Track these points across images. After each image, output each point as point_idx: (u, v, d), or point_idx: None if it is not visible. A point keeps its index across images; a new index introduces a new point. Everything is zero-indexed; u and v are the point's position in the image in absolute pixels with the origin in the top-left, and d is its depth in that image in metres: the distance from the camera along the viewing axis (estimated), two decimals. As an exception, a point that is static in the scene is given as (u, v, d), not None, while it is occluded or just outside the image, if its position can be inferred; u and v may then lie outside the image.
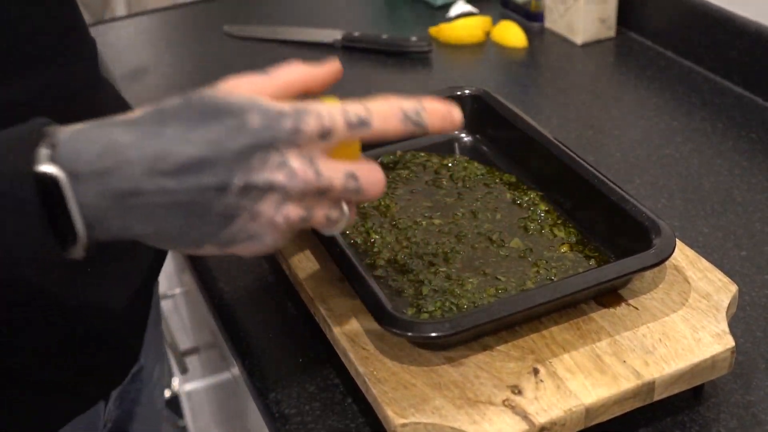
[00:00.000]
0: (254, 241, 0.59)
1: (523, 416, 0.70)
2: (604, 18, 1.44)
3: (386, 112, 0.60)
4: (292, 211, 0.58)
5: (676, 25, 1.38)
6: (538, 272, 0.84)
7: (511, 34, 1.46)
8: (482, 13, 1.54)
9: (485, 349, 0.76)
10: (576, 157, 0.91)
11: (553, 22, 1.49)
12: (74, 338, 0.77)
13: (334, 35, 1.47)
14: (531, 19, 1.52)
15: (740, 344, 0.85)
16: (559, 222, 0.90)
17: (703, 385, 0.79)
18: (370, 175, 0.60)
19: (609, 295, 0.80)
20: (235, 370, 1.11)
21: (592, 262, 0.85)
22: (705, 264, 0.84)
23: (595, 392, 0.72)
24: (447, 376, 0.74)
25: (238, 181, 0.55)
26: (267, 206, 0.57)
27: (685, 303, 0.79)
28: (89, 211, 0.54)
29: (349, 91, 1.36)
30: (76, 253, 0.55)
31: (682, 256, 0.84)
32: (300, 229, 0.61)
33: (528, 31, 1.48)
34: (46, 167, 0.53)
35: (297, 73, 0.61)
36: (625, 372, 0.73)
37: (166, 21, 1.64)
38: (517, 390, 0.72)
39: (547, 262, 0.85)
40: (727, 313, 0.79)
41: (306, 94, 0.62)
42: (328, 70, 0.63)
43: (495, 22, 1.51)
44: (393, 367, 0.74)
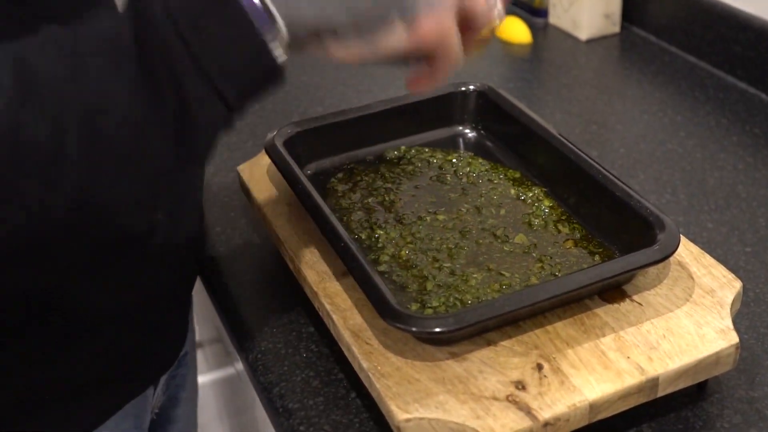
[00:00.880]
0: (437, 8, 0.62)
1: (527, 412, 0.70)
2: (609, 14, 1.44)
3: None
4: None
5: (680, 21, 1.38)
6: (542, 268, 0.84)
7: (515, 30, 1.46)
8: (486, 8, 1.54)
9: (489, 344, 0.76)
10: (580, 153, 0.91)
11: (558, 17, 1.49)
12: (128, 321, 0.79)
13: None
14: (535, 14, 1.52)
15: (744, 340, 0.85)
16: (564, 218, 0.90)
17: (707, 381, 0.79)
18: None
19: (613, 291, 0.80)
20: (239, 365, 1.11)
21: (597, 257, 0.85)
22: (709, 260, 0.84)
23: (599, 388, 0.72)
24: (451, 372, 0.74)
25: None
26: None
27: (689, 299, 0.79)
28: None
29: (353, 85, 1.36)
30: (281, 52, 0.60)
31: (687, 251, 0.84)
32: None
33: (532, 27, 1.48)
34: None
35: None
36: (629, 368, 0.73)
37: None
38: (521, 385, 0.72)
39: (551, 258, 0.85)
40: (731, 309, 0.79)
41: None
42: None
43: (499, 18, 1.50)
44: (397, 362, 0.74)
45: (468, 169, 0.97)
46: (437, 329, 0.72)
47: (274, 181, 0.97)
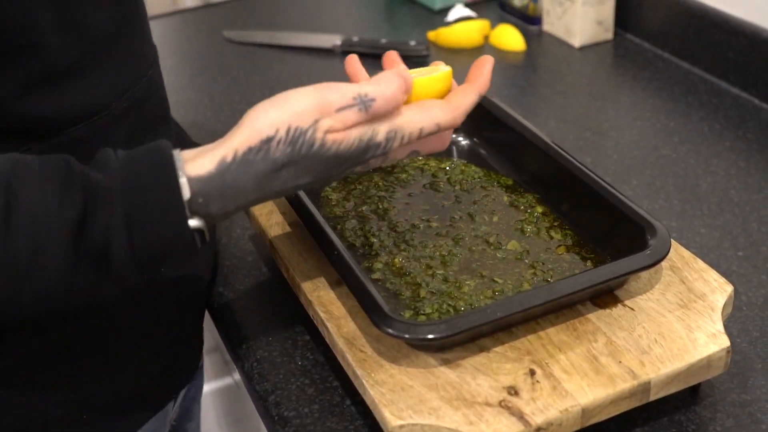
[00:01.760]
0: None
1: (520, 417, 0.70)
2: (602, 20, 1.45)
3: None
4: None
5: (673, 27, 1.38)
6: (534, 274, 0.84)
7: (509, 38, 1.47)
8: (480, 16, 1.55)
9: (482, 350, 0.76)
10: (572, 160, 0.91)
11: (551, 25, 1.50)
12: (155, 333, 0.82)
13: (334, 40, 1.48)
14: (529, 22, 1.53)
15: (736, 344, 0.85)
16: (556, 224, 0.90)
17: (700, 385, 0.80)
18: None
19: (605, 296, 0.81)
20: (236, 374, 1.12)
21: (589, 263, 0.85)
22: (701, 264, 0.84)
23: (592, 392, 0.72)
24: (444, 378, 0.74)
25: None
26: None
27: (681, 303, 0.80)
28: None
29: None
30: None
31: (678, 256, 0.85)
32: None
33: (526, 35, 1.49)
34: (193, 222, 0.64)
35: None
36: (621, 372, 0.74)
37: (167, 26, 1.64)
38: (513, 391, 0.73)
39: (543, 264, 0.85)
40: (722, 313, 0.79)
41: None
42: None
43: (493, 26, 1.51)
44: (390, 369, 0.75)
45: (461, 177, 0.98)
46: (430, 336, 0.73)
47: (269, 191, 0.97)
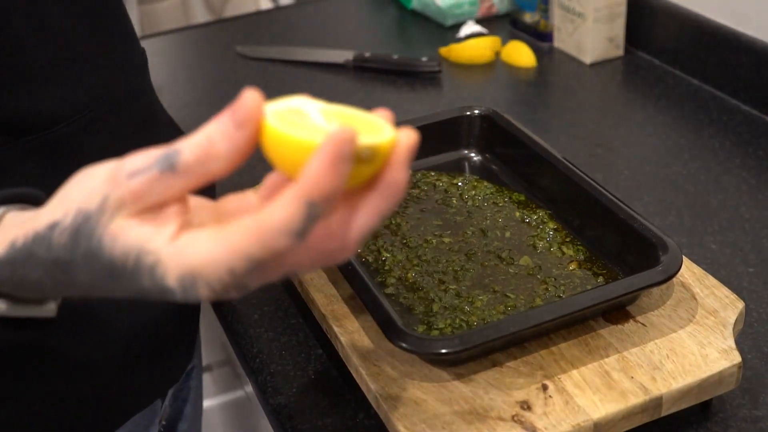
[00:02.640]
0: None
1: (532, 431, 0.71)
2: (612, 37, 1.46)
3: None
4: None
5: (684, 44, 1.39)
6: (546, 289, 0.85)
7: (520, 54, 1.48)
8: (492, 33, 1.55)
9: (495, 365, 0.77)
10: (584, 176, 0.92)
11: (562, 41, 1.51)
12: (139, 332, 0.82)
13: (346, 55, 1.49)
14: (540, 38, 1.54)
15: (748, 360, 0.86)
16: (568, 240, 0.91)
17: (711, 400, 0.80)
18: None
19: (617, 312, 0.81)
20: (249, 387, 1.12)
21: (600, 279, 0.86)
22: (712, 281, 0.85)
23: (604, 408, 0.73)
24: (457, 392, 0.75)
25: None
26: None
27: (693, 319, 0.80)
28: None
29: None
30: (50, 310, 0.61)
31: (689, 272, 0.85)
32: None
33: (537, 51, 1.50)
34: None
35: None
36: (633, 387, 0.74)
37: (179, 42, 1.66)
38: (526, 405, 0.73)
39: (555, 280, 0.86)
40: (734, 329, 0.80)
41: None
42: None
43: (504, 42, 1.52)
44: (404, 383, 0.75)
45: (473, 193, 0.99)
46: (443, 350, 0.73)
47: (283, 205, 0.98)
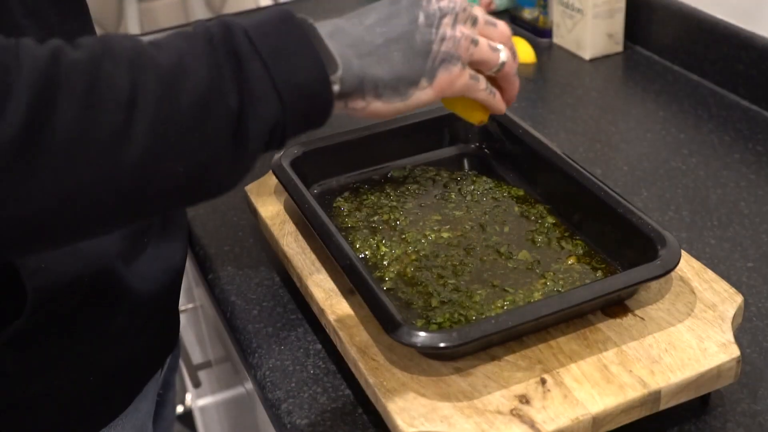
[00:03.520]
0: (450, 65, 0.72)
1: (531, 425, 0.71)
2: (612, 33, 1.45)
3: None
4: (464, 29, 0.73)
5: (683, 40, 1.39)
6: (545, 284, 0.85)
7: (519, 50, 1.47)
8: (491, 29, 1.55)
9: (493, 359, 0.77)
10: (583, 171, 0.92)
11: (561, 37, 1.51)
12: (145, 302, 0.86)
13: (345, 52, 1.48)
14: (539, 35, 1.53)
15: (746, 354, 0.86)
16: (567, 234, 0.91)
17: (710, 394, 0.80)
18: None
19: (615, 306, 0.81)
20: (248, 383, 1.12)
21: (599, 273, 0.86)
22: (711, 275, 0.85)
23: (602, 401, 0.73)
24: (455, 386, 0.75)
25: (420, 15, 0.72)
26: (446, 27, 0.72)
27: (691, 313, 0.80)
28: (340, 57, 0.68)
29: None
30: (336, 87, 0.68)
31: (688, 267, 0.85)
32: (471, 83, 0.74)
33: (536, 47, 1.50)
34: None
35: None
36: (632, 381, 0.74)
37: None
38: (524, 399, 0.73)
39: (554, 274, 0.86)
40: (732, 324, 0.80)
41: None
42: None
43: (503, 38, 1.52)
44: (402, 378, 0.75)
45: (472, 188, 0.99)
46: (442, 345, 0.73)
47: (281, 201, 0.98)
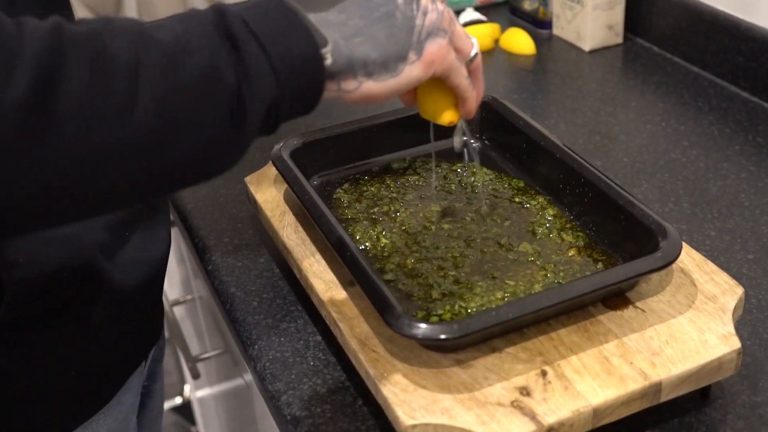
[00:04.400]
0: (437, 37, 0.75)
1: (532, 417, 0.71)
2: (612, 24, 1.45)
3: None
4: (441, 6, 0.76)
5: (683, 31, 1.39)
6: (546, 275, 0.85)
7: (519, 41, 1.47)
8: (491, 20, 1.55)
9: (494, 351, 0.77)
10: (583, 162, 0.92)
11: (561, 29, 1.50)
12: (128, 295, 0.85)
13: (344, 43, 1.48)
14: (539, 26, 1.53)
15: (747, 346, 0.86)
16: (567, 226, 0.91)
17: (710, 386, 0.80)
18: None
19: (616, 298, 0.81)
20: (248, 375, 1.12)
21: (600, 265, 0.86)
22: (711, 267, 0.84)
23: (603, 393, 0.73)
24: (456, 378, 0.74)
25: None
26: (426, 2, 0.75)
27: (692, 305, 0.80)
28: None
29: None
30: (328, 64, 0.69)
31: (689, 259, 0.85)
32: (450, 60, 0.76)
33: (536, 38, 1.49)
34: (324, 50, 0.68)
35: None
36: (633, 373, 0.74)
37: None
38: (525, 391, 0.73)
39: (555, 266, 0.86)
40: (733, 315, 0.80)
41: None
42: None
43: (503, 30, 1.52)
44: (403, 369, 0.75)
45: (472, 179, 0.98)
46: (442, 336, 0.73)
47: (281, 192, 0.98)
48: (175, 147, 0.60)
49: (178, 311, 1.71)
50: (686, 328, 0.78)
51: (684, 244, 0.84)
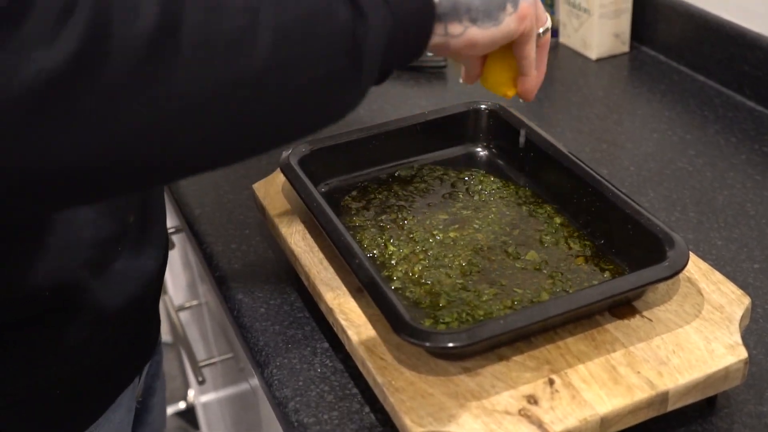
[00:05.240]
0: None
1: (539, 426, 0.71)
2: (618, 33, 1.45)
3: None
4: None
5: (689, 40, 1.39)
6: (553, 284, 0.85)
7: (525, 49, 1.47)
8: (497, 28, 1.55)
9: (501, 359, 0.77)
10: (590, 171, 0.92)
11: (568, 37, 1.51)
12: (121, 311, 0.84)
13: (351, 50, 1.48)
14: (545, 34, 1.53)
15: (753, 355, 0.86)
16: (575, 235, 0.91)
17: (717, 396, 0.80)
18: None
19: (623, 307, 0.82)
20: (254, 380, 1.12)
21: (607, 274, 0.86)
22: (718, 276, 0.85)
23: (610, 402, 0.73)
24: (464, 386, 0.75)
25: None
26: None
27: (699, 315, 0.80)
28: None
29: (365, 105, 1.38)
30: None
31: (696, 268, 0.86)
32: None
33: (542, 46, 1.50)
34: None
35: None
36: (640, 382, 0.74)
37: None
38: (532, 400, 0.73)
39: (562, 275, 0.86)
40: (740, 325, 0.80)
41: None
42: None
43: (509, 37, 1.52)
44: (410, 377, 0.76)
45: (480, 187, 0.99)
46: (450, 344, 0.73)
47: (289, 199, 0.98)
48: (295, 85, 0.60)
49: (183, 316, 1.71)
50: (693, 337, 0.78)
51: (691, 253, 0.85)
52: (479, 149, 1.05)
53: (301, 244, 0.92)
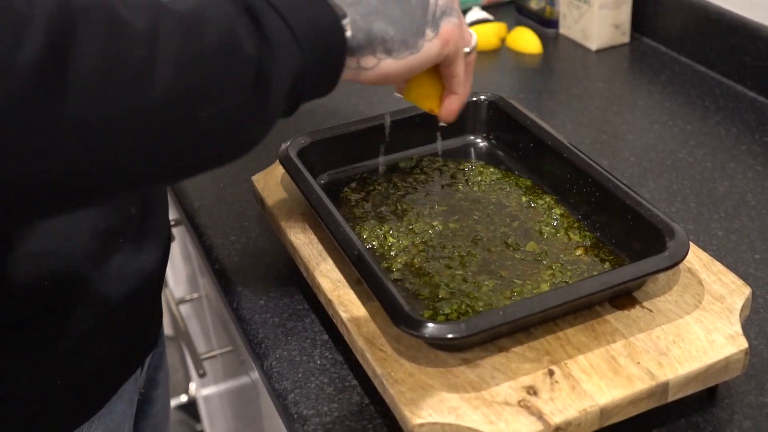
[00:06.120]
0: (450, 17, 0.75)
1: (539, 416, 0.71)
2: (618, 24, 1.45)
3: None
4: None
5: (690, 31, 1.39)
6: (553, 275, 0.85)
7: (526, 41, 1.47)
8: (497, 19, 1.55)
9: (501, 350, 0.77)
10: (590, 162, 0.92)
11: (568, 28, 1.50)
12: (121, 303, 0.83)
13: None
14: (546, 25, 1.53)
15: (754, 346, 0.86)
16: (574, 225, 0.91)
17: (717, 386, 0.80)
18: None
19: (623, 298, 0.81)
20: (254, 373, 1.12)
21: (607, 265, 0.86)
22: (719, 267, 0.84)
23: (610, 393, 0.73)
24: (463, 377, 0.75)
25: None
26: None
27: (699, 305, 0.80)
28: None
29: (366, 97, 1.37)
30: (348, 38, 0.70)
31: (696, 258, 0.85)
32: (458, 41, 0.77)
33: (543, 38, 1.49)
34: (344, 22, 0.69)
35: None
36: (640, 373, 0.74)
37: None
38: (532, 391, 0.73)
39: (562, 265, 0.86)
40: (740, 315, 0.80)
41: None
42: None
43: (510, 29, 1.52)
44: (410, 369, 0.75)
45: (479, 178, 0.98)
46: (450, 336, 0.73)
47: (288, 191, 0.98)
48: (197, 117, 0.59)
49: (184, 309, 1.71)
50: (693, 328, 0.78)
51: (691, 243, 0.84)
52: (479, 140, 1.04)
53: (301, 236, 0.92)
